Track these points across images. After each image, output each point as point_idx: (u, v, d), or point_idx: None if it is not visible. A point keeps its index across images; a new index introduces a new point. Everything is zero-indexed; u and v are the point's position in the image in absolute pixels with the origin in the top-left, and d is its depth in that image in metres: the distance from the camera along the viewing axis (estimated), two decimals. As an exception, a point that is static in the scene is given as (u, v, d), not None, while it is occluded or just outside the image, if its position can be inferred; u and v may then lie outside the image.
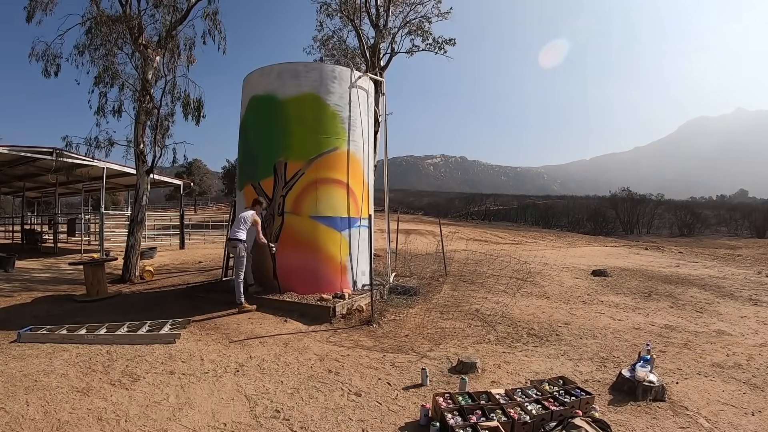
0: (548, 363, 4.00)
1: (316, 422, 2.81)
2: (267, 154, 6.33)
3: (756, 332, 5.23)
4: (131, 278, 8.11)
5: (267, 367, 3.73)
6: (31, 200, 25.17)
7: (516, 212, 73.89)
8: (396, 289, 6.86)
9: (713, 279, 9.48)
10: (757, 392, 3.44)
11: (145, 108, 8.37)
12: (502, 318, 5.56)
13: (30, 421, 2.73)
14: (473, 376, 3.62)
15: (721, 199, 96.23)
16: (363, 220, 6.55)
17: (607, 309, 6.34)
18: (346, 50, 12.96)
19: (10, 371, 3.53)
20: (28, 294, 6.81)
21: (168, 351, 4.07)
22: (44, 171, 14.09)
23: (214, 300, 6.13)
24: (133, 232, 8.39)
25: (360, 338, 4.66)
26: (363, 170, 6.73)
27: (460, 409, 2.77)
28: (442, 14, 12.30)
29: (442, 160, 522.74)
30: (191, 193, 50.96)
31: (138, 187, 8.54)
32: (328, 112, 6.31)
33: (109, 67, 8.45)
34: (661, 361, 4.02)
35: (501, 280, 8.02)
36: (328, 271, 6.23)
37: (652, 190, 77.45)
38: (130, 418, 2.79)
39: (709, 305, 6.71)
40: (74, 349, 4.09)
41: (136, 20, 8.15)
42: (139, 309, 5.81)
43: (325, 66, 7.04)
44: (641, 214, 60.26)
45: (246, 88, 6.86)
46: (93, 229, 17.27)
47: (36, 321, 5.08)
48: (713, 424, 2.91)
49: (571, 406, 2.83)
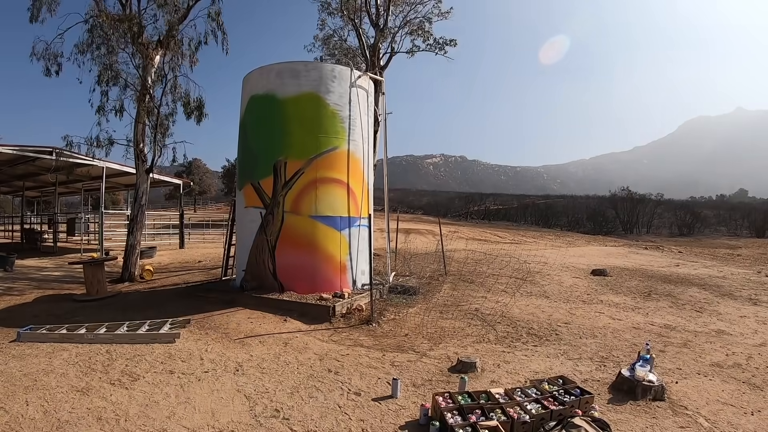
0: (548, 362, 4.00)
1: (315, 421, 2.81)
2: (267, 153, 6.32)
3: (755, 332, 5.24)
4: (131, 278, 8.11)
5: (267, 367, 3.73)
6: (31, 200, 25.15)
7: (516, 212, 73.86)
8: (396, 288, 6.86)
9: (713, 279, 9.48)
10: (756, 392, 3.44)
11: (145, 107, 8.36)
12: (502, 317, 5.56)
13: (30, 420, 2.73)
14: (473, 375, 3.62)
15: (720, 199, 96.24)
16: (363, 220, 6.55)
17: (607, 308, 6.34)
18: (346, 50, 12.97)
19: (10, 371, 3.53)
20: (28, 293, 6.81)
21: (168, 350, 4.07)
22: (44, 170, 14.09)
23: (213, 299, 6.13)
24: (132, 231, 8.39)
25: (360, 337, 4.66)
26: (363, 170, 6.73)
27: (460, 409, 2.77)
28: (443, 14, 12.31)
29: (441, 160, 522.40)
30: (191, 193, 50.91)
31: (138, 186, 8.54)
32: (327, 111, 6.31)
33: (110, 67, 8.45)
34: (660, 360, 4.02)
35: (500, 279, 8.02)
36: (327, 270, 6.23)
37: (651, 189, 77.41)
38: (130, 418, 2.79)
39: (708, 305, 6.72)
40: (74, 348, 4.09)
41: (136, 20, 8.14)
42: (139, 308, 5.80)
43: (325, 65, 7.04)
44: (641, 213, 60.26)
45: (246, 88, 6.86)
46: (93, 229, 17.27)
47: (36, 320, 5.08)
48: (713, 423, 2.91)
49: (571, 406, 2.84)
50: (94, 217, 17.56)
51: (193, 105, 8.71)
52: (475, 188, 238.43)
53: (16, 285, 7.49)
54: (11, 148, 10.62)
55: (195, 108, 8.73)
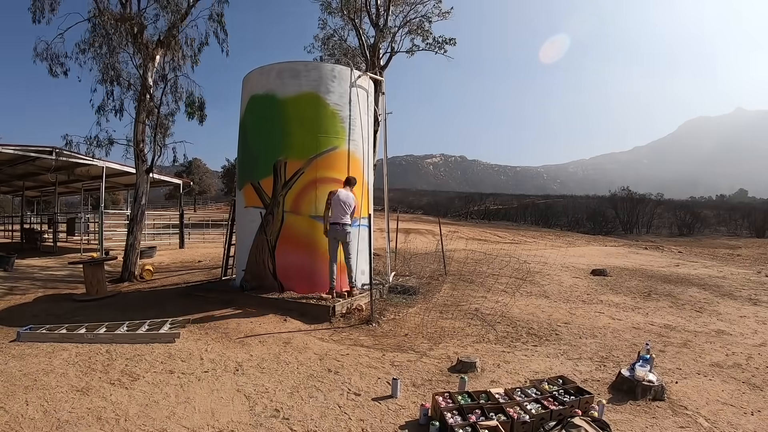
0: (548, 362, 4.00)
1: (315, 421, 2.81)
2: (267, 153, 6.32)
3: (755, 332, 5.24)
4: (131, 277, 8.11)
5: (266, 366, 3.73)
6: (31, 199, 25.15)
7: (515, 212, 73.89)
8: (395, 288, 6.86)
9: (713, 278, 9.48)
10: (756, 392, 3.44)
11: (145, 107, 8.36)
12: (502, 317, 5.56)
13: (29, 420, 2.73)
14: (473, 375, 3.62)
15: (720, 199, 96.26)
16: (362, 220, 6.54)
17: (607, 308, 6.34)
18: (346, 49, 12.97)
19: (10, 370, 3.53)
20: (28, 293, 6.81)
21: (167, 350, 4.07)
22: (44, 170, 14.09)
23: (213, 299, 6.13)
24: (132, 231, 8.39)
25: (359, 337, 4.66)
26: (363, 169, 6.73)
27: (460, 409, 2.77)
28: (443, 14, 12.30)
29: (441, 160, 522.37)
30: (191, 193, 50.91)
31: (137, 186, 8.54)
32: (327, 111, 6.31)
33: (110, 66, 8.45)
34: (660, 360, 4.02)
35: (500, 279, 8.02)
36: (328, 270, 6.22)
37: (651, 189, 77.42)
38: (130, 418, 2.79)
39: (708, 305, 6.72)
40: (74, 348, 4.09)
41: (137, 19, 8.14)
42: (139, 308, 5.80)
43: (325, 65, 7.03)
44: (641, 213, 60.29)
45: (245, 88, 6.86)
46: (93, 229, 17.27)
47: (36, 320, 5.08)
48: (712, 423, 2.91)
49: (571, 406, 2.84)
50: (94, 217, 17.56)
51: (195, 105, 8.72)
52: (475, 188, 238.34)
53: (16, 285, 7.49)
54: (11, 147, 10.63)
55: (197, 108, 8.74)
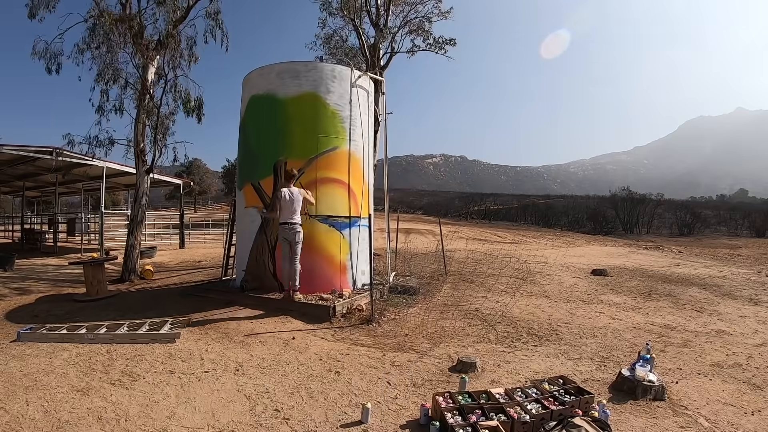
0: (548, 362, 4.00)
1: (315, 421, 2.81)
2: (267, 153, 6.32)
3: (756, 332, 5.24)
4: (131, 277, 8.11)
5: (267, 367, 3.73)
6: (31, 200, 25.17)
7: (516, 212, 73.83)
8: (396, 288, 6.86)
9: (713, 278, 9.48)
10: (756, 392, 3.44)
11: (145, 107, 8.36)
12: (502, 317, 5.56)
13: (30, 420, 2.73)
14: (473, 375, 3.62)
15: (721, 199, 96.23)
16: (363, 220, 6.55)
17: (607, 308, 6.34)
18: (347, 50, 12.98)
19: (10, 371, 3.53)
20: (28, 293, 6.81)
21: (168, 350, 4.07)
22: (44, 170, 14.10)
23: (213, 299, 6.13)
24: (132, 231, 8.38)
25: (360, 337, 4.66)
26: (363, 170, 6.73)
27: (460, 409, 2.77)
28: (443, 14, 12.32)
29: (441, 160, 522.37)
30: (191, 193, 50.90)
31: (138, 186, 8.54)
32: (328, 111, 6.31)
33: (110, 66, 8.45)
34: (660, 360, 4.02)
35: (501, 279, 8.02)
36: (328, 270, 6.22)
37: (652, 189, 77.35)
38: (130, 418, 2.79)
39: (708, 305, 6.71)
40: (74, 348, 4.09)
41: (136, 19, 8.15)
42: (139, 308, 5.80)
43: (325, 65, 7.04)
44: (641, 213, 60.21)
45: (246, 88, 6.86)
46: (93, 229, 17.28)
47: (36, 320, 5.09)
48: (713, 423, 2.91)
49: (571, 406, 2.84)
50: (94, 217, 17.59)
51: (193, 104, 8.71)
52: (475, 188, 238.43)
53: (16, 285, 7.49)
54: (11, 148, 10.63)
55: (195, 107, 8.73)
